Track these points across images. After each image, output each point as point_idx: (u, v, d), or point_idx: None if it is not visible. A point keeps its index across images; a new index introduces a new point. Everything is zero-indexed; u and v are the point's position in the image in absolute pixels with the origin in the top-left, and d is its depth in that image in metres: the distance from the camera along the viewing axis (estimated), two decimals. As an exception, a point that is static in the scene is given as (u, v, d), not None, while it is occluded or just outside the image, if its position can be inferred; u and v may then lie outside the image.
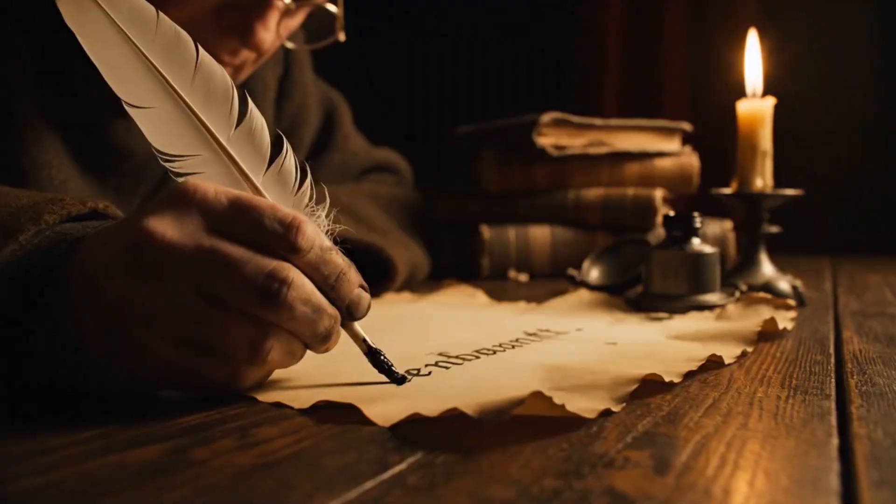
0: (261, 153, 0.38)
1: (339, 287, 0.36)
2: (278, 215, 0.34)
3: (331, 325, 0.36)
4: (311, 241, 0.35)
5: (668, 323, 0.58)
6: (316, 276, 0.35)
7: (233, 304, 0.33)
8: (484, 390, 0.39)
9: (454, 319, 0.60)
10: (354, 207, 0.82)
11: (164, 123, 0.38)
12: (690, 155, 0.97)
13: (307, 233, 0.34)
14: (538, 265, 0.92)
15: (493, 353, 0.48)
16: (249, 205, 0.35)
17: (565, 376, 0.41)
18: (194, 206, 0.34)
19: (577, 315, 0.61)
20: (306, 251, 0.34)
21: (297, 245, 0.34)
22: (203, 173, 0.38)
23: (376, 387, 0.40)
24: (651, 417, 0.36)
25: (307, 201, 0.39)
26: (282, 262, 0.34)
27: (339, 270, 0.36)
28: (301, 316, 0.34)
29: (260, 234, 0.34)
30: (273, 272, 0.33)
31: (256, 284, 0.33)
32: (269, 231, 0.34)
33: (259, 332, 0.34)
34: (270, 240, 0.34)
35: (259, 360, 0.34)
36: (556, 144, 0.92)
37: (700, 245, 0.64)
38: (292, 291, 0.33)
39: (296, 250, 0.34)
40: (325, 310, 0.35)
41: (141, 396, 0.39)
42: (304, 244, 0.34)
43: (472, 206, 0.95)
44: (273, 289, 0.33)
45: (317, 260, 0.35)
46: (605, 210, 0.92)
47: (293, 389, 0.41)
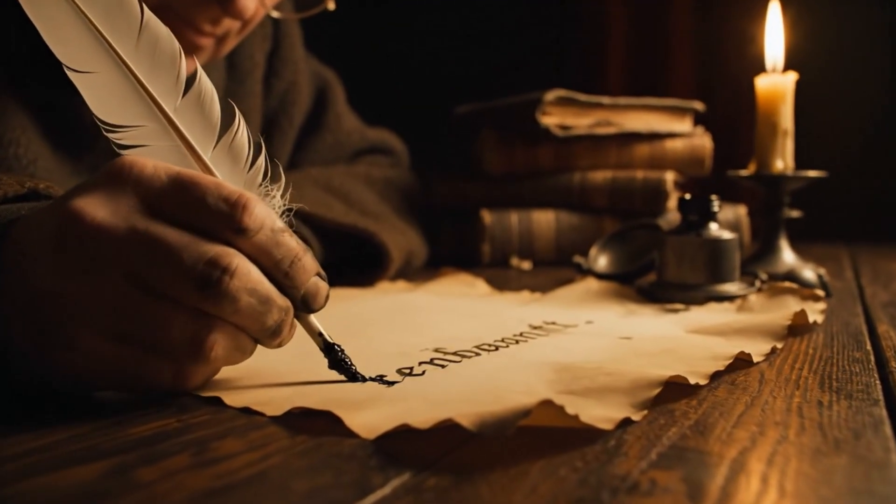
0: (210, 125, 0.35)
1: (293, 274, 0.32)
2: (223, 193, 0.31)
3: (281, 318, 0.32)
4: (260, 222, 0.31)
5: (685, 315, 0.53)
6: (266, 261, 0.32)
7: (170, 295, 0.30)
8: (484, 394, 0.34)
9: (452, 311, 0.55)
10: (346, 190, 0.77)
11: (107, 90, 0.34)
12: (703, 136, 0.92)
13: (255, 212, 0.31)
14: (542, 252, 0.87)
15: (494, 349, 0.43)
16: (191, 182, 0.31)
17: (576, 377, 0.36)
18: (129, 184, 0.31)
19: (585, 306, 0.56)
20: (254, 232, 0.31)
21: (243, 225, 0.31)
22: (148, 146, 0.34)
23: (363, 388, 0.36)
24: (677, 427, 0.31)
25: (261, 179, 0.35)
26: (225, 248, 0.31)
27: (293, 255, 0.32)
28: (246, 308, 0.31)
29: (202, 215, 0.31)
30: (214, 259, 0.30)
31: (195, 273, 0.29)
32: (212, 211, 0.31)
33: (201, 326, 0.30)
34: (214, 221, 0.31)
35: (202, 357, 0.31)
36: (561, 124, 0.87)
37: (718, 230, 0.59)
38: (235, 280, 0.30)
39: (242, 231, 0.31)
40: (273, 301, 0.32)
41: (93, 399, 0.34)
42: (252, 224, 0.31)
43: (473, 190, 0.90)
44: (213, 277, 0.30)
45: (267, 243, 0.31)
46: (612, 194, 0.87)
47: (269, 389, 0.36)
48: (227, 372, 0.38)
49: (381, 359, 0.41)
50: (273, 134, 0.84)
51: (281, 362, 0.40)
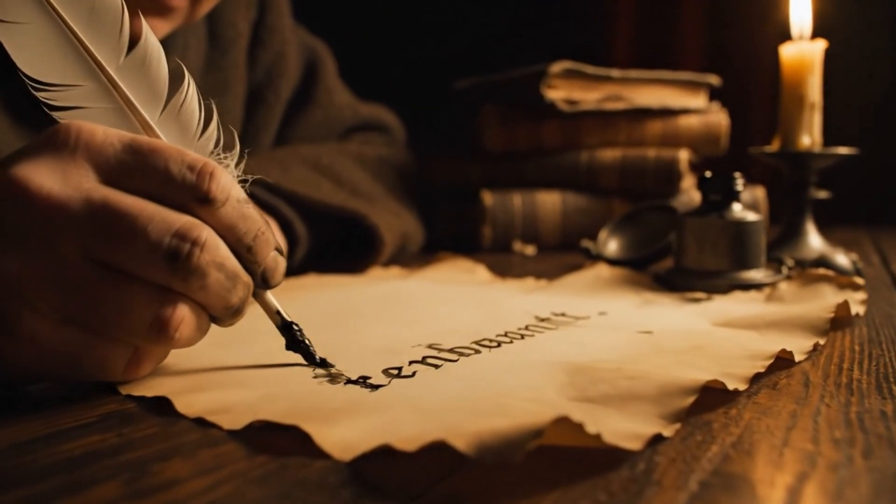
0: (157, 87, 0.32)
1: (257, 249, 0.30)
2: (187, 160, 0.29)
3: (245, 296, 0.30)
4: (227, 191, 0.29)
5: (707, 305, 0.48)
6: (230, 235, 0.30)
7: (133, 272, 0.28)
8: (485, 402, 0.29)
9: (449, 300, 0.50)
10: (336, 169, 0.71)
11: (39, 44, 0.30)
12: (718, 112, 0.86)
13: (222, 180, 0.29)
14: (547, 236, 0.81)
15: (496, 345, 0.38)
16: (150, 148, 0.29)
17: (593, 380, 0.31)
18: (80, 151, 0.28)
19: (597, 295, 0.51)
20: (221, 203, 0.29)
21: (210, 195, 0.28)
22: (86, 108, 0.31)
23: (341, 394, 0.30)
24: (717, 446, 0.25)
25: (213, 147, 0.32)
26: (192, 219, 0.28)
27: (257, 228, 0.30)
28: (214, 284, 0.29)
29: (164, 184, 0.28)
30: (182, 230, 0.28)
31: (163, 246, 0.27)
32: (175, 180, 0.28)
33: (166, 303, 0.28)
34: (177, 191, 0.28)
35: (165, 337, 0.28)
36: (568, 99, 0.81)
37: (742, 211, 0.54)
38: (206, 254, 0.28)
39: (209, 201, 0.29)
40: (240, 277, 0.30)
41: (22, 403, 0.29)
42: (220, 194, 0.29)
43: (473, 170, 0.85)
44: (184, 251, 0.27)
45: (233, 214, 0.29)
46: (622, 173, 0.81)
47: (232, 390, 0.31)
48: (188, 367, 0.33)
49: (367, 356, 0.36)
50: (258, 108, 0.78)
51: (249, 356, 0.35)
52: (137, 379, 0.31)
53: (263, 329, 0.37)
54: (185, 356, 0.36)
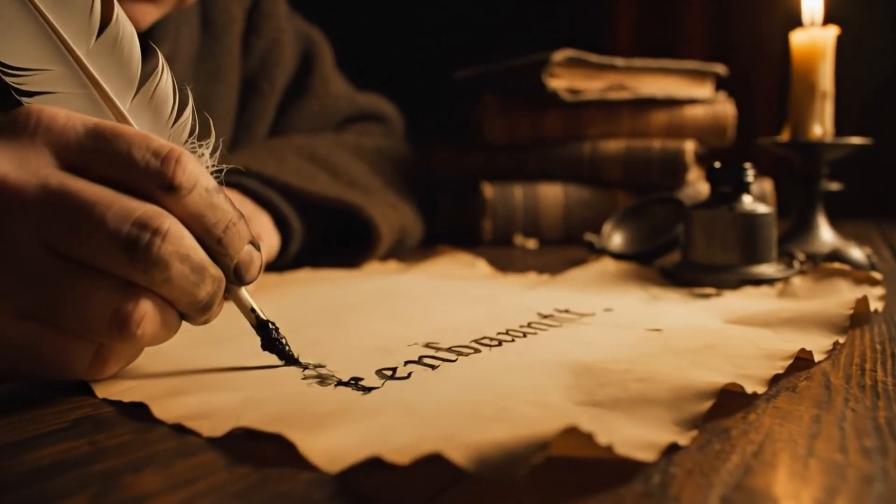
0: (129, 71, 0.30)
1: (228, 241, 0.29)
2: (152, 146, 0.27)
3: (214, 291, 0.29)
4: (194, 179, 0.27)
5: (717, 301, 0.46)
6: (198, 225, 0.28)
7: (92, 262, 0.26)
8: (485, 406, 0.27)
9: (448, 296, 0.48)
10: (332, 160, 0.69)
11: (6, 26, 0.29)
12: (725, 102, 0.84)
13: (189, 167, 0.27)
14: (549, 229, 0.79)
15: (497, 343, 0.36)
16: (113, 133, 0.27)
17: (601, 382, 0.29)
18: (39, 136, 0.27)
19: (602, 290, 0.49)
20: (187, 191, 0.27)
21: (175, 182, 0.27)
22: (55, 93, 0.29)
23: (331, 397, 0.28)
24: (738, 456, 0.23)
25: (187, 135, 0.31)
26: (155, 207, 0.27)
27: (228, 219, 0.29)
28: (178, 277, 0.27)
29: (127, 171, 0.27)
30: (143, 219, 0.26)
31: (122, 235, 0.26)
32: (139, 166, 0.27)
33: (127, 298, 0.26)
34: (141, 177, 0.27)
35: (127, 334, 0.27)
36: (571, 88, 0.79)
37: (753, 203, 0.52)
38: (168, 244, 0.26)
39: (174, 189, 0.27)
40: (207, 270, 0.28)
41: None
42: (186, 182, 0.27)
43: (473, 161, 0.82)
44: (143, 240, 0.26)
45: (200, 204, 0.28)
46: (626, 165, 0.79)
47: (213, 393, 0.29)
48: (170, 368, 0.31)
49: (359, 355, 0.34)
50: (253, 97, 0.76)
51: (236, 356, 0.33)
52: (105, 378, 0.29)
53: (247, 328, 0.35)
54: (167, 356, 0.34)
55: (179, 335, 0.38)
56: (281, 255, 0.59)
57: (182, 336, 0.38)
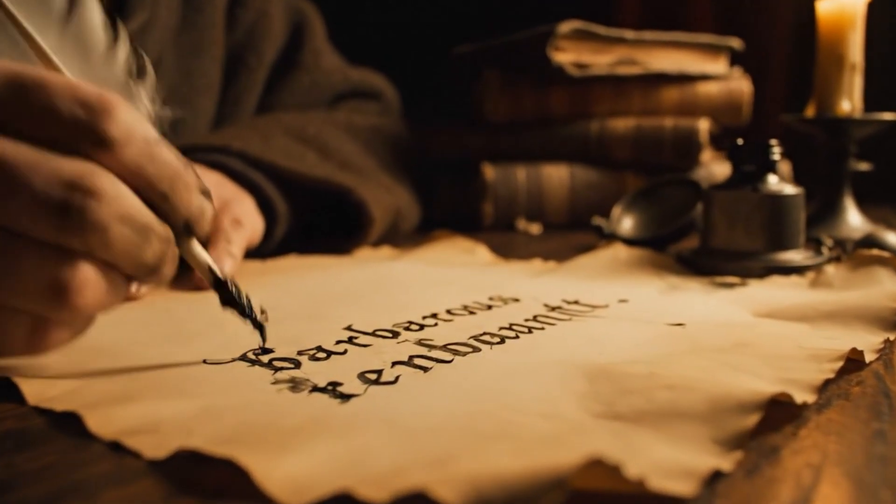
0: (52, 3, 0.26)
1: (174, 196, 0.26)
2: (78, 95, 0.24)
3: (162, 251, 0.26)
4: (129, 131, 0.24)
5: (742, 291, 0.41)
6: (138, 181, 0.25)
7: (19, 229, 0.24)
8: (484, 420, 0.22)
9: (444, 286, 0.44)
10: (322, 139, 0.65)
11: None
12: (740, 79, 0.79)
13: (122, 118, 0.24)
14: (553, 213, 0.75)
15: (499, 340, 0.32)
16: (34, 83, 0.24)
17: (621, 389, 0.25)
18: None
19: (615, 279, 0.44)
20: (122, 144, 0.24)
21: (107, 136, 0.24)
22: None
23: (304, 406, 0.24)
24: (791, 485, 0.19)
25: (123, 76, 0.27)
26: (87, 164, 0.24)
27: (172, 171, 0.26)
28: (119, 240, 0.24)
29: (52, 124, 0.24)
30: (73, 180, 0.23)
31: (51, 200, 0.23)
32: (65, 119, 0.24)
33: (62, 265, 0.24)
34: (68, 132, 0.24)
35: (66, 304, 0.24)
36: (577, 62, 0.74)
37: (779, 184, 0.47)
38: (104, 206, 0.24)
39: (106, 143, 0.24)
40: (152, 230, 0.25)
41: None
42: (119, 134, 0.24)
43: (473, 141, 0.78)
44: (76, 204, 0.23)
45: (139, 157, 0.25)
46: (636, 144, 0.74)
47: (165, 401, 0.24)
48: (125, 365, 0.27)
49: (341, 354, 0.30)
50: (239, 72, 0.71)
51: (197, 354, 0.29)
52: (47, 352, 0.26)
53: (224, 322, 0.31)
54: (119, 353, 0.30)
55: (139, 329, 0.34)
56: (265, 240, 0.54)
57: (142, 331, 0.34)
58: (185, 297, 0.40)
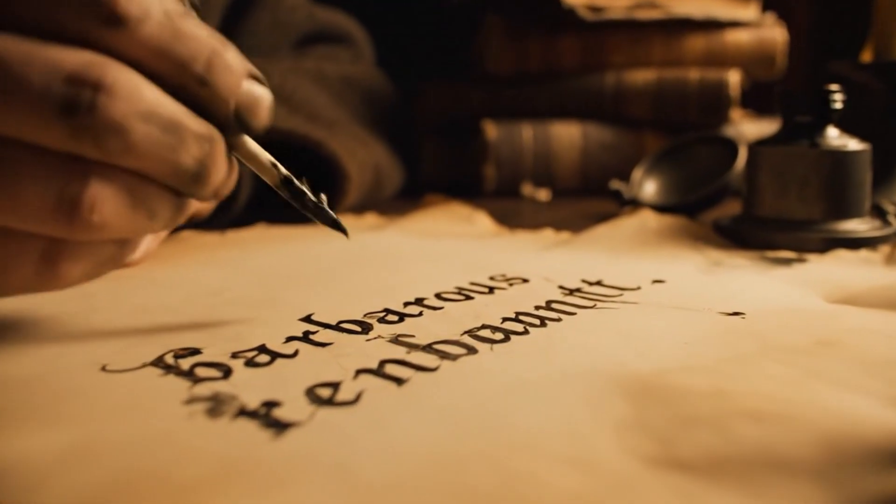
0: None
1: (214, 79, 0.21)
2: None
3: (203, 152, 0.21)
4: (145, 3, 0.19)
5: (801, 269, 0.33)
6: (165, 66, 0.20)
7: (21, 137, 0.19)
8: (477, 462, 0.15)
9: (434, 262, 0.36)
10: (289, 89, 0.56)
11: None
12: (773, 27, 0.70)
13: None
14: (564, 177, 0.66)
15: (502, 337, 0.24)
16: None
17: (681, 420, 0.17)
18: None
19: (643, 253, 0.37)
20: (138, 20, 0.19)
21: (118, 12, 0.19)
22: None
23: (221, 441, 0.17)
24: None
25: None
26: (90, 54, 0.19)
27: (209, 49, 0.21)
28: (145, 142, 0.20)
29: (51, 6, 0.19)
30: (77, 72, 0.19)
31: (53, 98, 0.19)
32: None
33: (72, 176, 0.20)
34: (71, 13, 0.19)
35: (78, 222, 0.20)
36: (591, 5, 0.65)
37: (841, 138, 0.39)
38: (119, 102, 0.19)
39: (118, 20, 0.19)
40: (185, 126, 0.20)
41: None
42: (133, 7, 0.19)
43: (472, 96, 0.69)
44: (84, 101, 0.19)
45: (162, 35, 0.20)
46: (657, 100, 0.66)
47: (32, 431, 0.17)
48: None
49: (290, 359, 0.22)
50: None
51: (103, 343, 0.21)
52: (63, 287, 0.21)
53: (148, 308, 0.23)
54: None
55: (22, 322, 0.26)
56: (224, 209, 0.46)
57: (27, 324, 0.26)
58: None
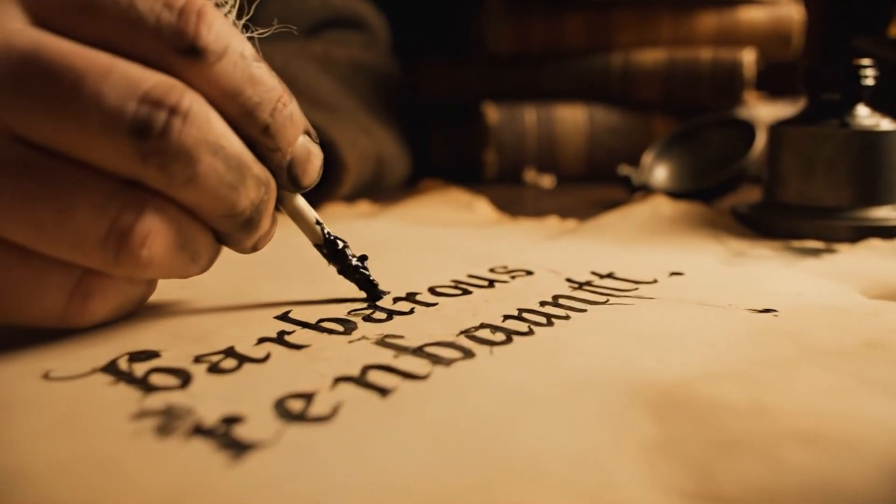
0: None
1: (277, 128, 0.20)
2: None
3: (261, 199, 0.20)
4: (225, 40, 0.19)
5: (832, 260, 0.31)
6: (233, 107, 0.19)
7: (80, 156, 0.18)
8: (470, 496, 0.12)
9: (430, 253, 0.33)
10: (291, 73, 0.54)
11: None
12: (789, 5, 0.67)
13: (216, 24, 0.19)
14: (569, 163, 0.63)
15: (504, 338, 0.21)
16: None
17: (717, 443, 0.14)
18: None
19: (658, 243, 0.34)
20: (217, 56, 0.19)
21: (200, 43, 0.19)
22: None
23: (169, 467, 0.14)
24: None
25: None
26: (167, 77, 0.18)
27: (276, 97, 0.20)
28: (209, 176, 0.19)
29: (130, 28, 0.19)
30: (155, 92, 0.18)
31: (127, 115, 0.18)
32: (146, 20, 0.19)
33: (126, 204, 0.18)
34: (149, 38, 0.19)
35: (127, 256, 0.19)
36: (598, -19, 0.62)
37: (872, 117, 0.36)
38: (191, 128, 0.18)
39: (198, 53, 0.19)
40: (249, 168, 0.20)
41: None
42: (214, 42, 0.19)
43: (472, 78, 0.66)
44: (158, 122, 0.18)
45: (236, 75, 0.19)
46: (667, 81, 0.63)
47: None
48: None
49: (259, 361, 0.19)
50: None
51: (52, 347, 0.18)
52: (85, 325, 0.20)
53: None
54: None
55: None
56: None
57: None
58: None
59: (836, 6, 0.82)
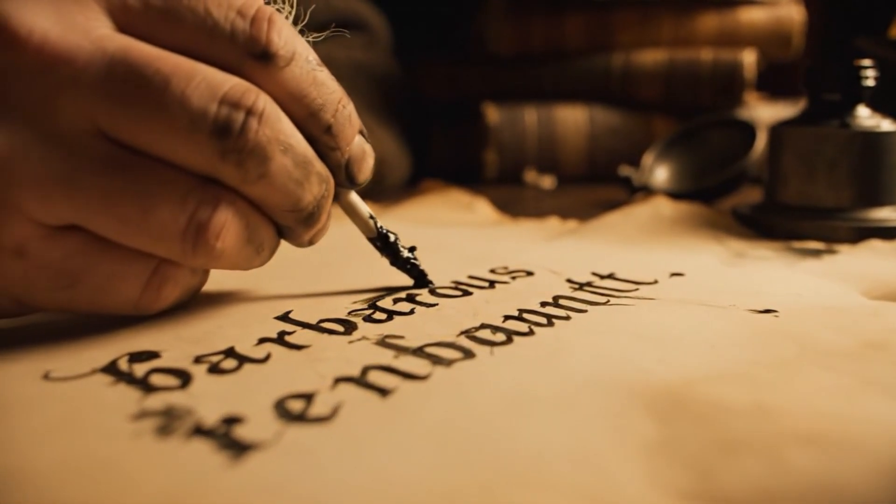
0: None
1: (338, 129, 0.22)
2: (235, 3, 0.20)
3: (321, 195, 0.22)
4: (292, 46, 0.20)
5: (833, 261, 0.30)
6: (299, 108, 0.21)
7: (163, 154, 0.20)
8: (472, 494, 0.12)
9: (430, 253, 0.33)
10: None
11: None
12: (790, 5, 0.67)
13: (285, 32, 0.20)
14: (569, 163, 0.63)
15: (505, 339, 0.21)
16: None
17: (719, 444, 0.14)
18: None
19: (659, 244, 0.34)
20: (286, 60, 0.20)
21: (271, 49, 0.20)
22: None
23: (169, 466, 0.14)
24: None
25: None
26: (243, 80, 0.20)
27: (338, 100, 0.22)
28: (280, 173, 0.20)
29: (206, 35, 0.20)
30: (234, 95, 0.19)
31: (209, 116, 0.19)
32: (221, 28, 0.20)
33: (204, 199, 0.20)
34: (224, 43, 0.20)
35: (203, 248, 0.20)
36: (599, -18, 0.62)
37: (873, 117, 0.36)
38: (266, 128, 0.20)
39: (269, 58, 0.20)
40: (313, 165, 0.21)
41: None
42: (283, 48, 0.20)
43: (472, 78, 0.66)
44: (237, 123, 0.19)
45: (303, 79, 0.21)
46: (668, 81, 0.63)
47: None
48: None
49: (262, 363, 0.19)
50: None
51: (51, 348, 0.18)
52: (155, 311, 0.22)
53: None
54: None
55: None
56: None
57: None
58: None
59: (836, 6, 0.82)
